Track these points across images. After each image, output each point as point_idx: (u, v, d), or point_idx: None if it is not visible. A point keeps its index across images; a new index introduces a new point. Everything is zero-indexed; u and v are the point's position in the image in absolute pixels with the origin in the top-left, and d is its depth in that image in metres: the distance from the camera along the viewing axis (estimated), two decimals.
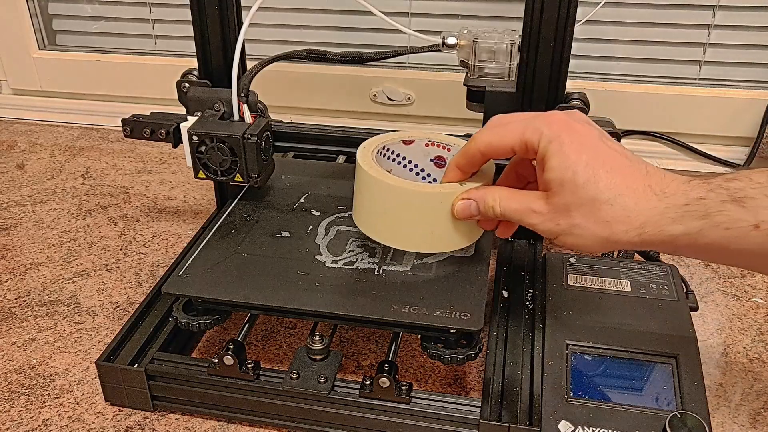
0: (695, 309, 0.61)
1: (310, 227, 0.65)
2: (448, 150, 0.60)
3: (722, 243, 0.43)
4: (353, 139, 0.68)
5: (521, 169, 0.53)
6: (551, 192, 0.45)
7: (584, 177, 0.44)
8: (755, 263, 0.44)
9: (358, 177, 0.57)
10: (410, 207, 0.54)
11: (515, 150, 0.47)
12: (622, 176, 0.44)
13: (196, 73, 0.73)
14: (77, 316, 0.72)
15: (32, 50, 1.19)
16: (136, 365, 0.58)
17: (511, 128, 0.47)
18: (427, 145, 0.60)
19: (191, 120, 0.68)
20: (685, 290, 0.62)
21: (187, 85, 0.72)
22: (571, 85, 0.67)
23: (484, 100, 0.69)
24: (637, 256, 0.72)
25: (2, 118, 1.21)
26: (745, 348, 0.67)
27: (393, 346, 0.57)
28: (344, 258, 0.60)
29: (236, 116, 0.68)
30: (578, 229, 0.45)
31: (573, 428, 0.50)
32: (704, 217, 0.42)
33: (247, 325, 0.60)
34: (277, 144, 0.70)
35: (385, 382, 0.53)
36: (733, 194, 0.42)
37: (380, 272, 0.58)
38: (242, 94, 0.67)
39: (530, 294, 0.65)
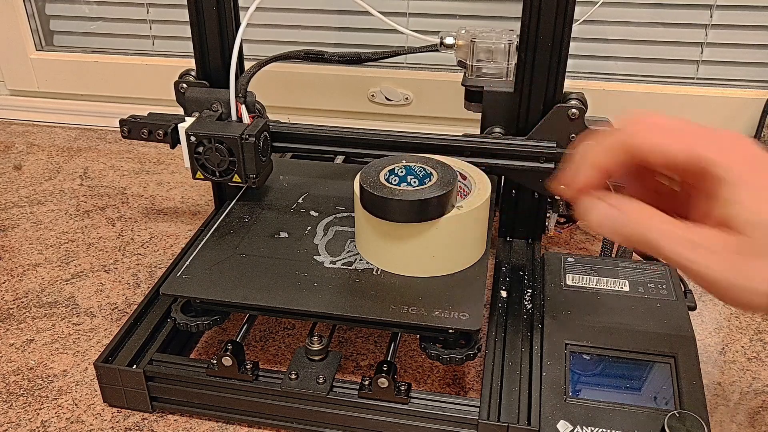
0: (693, 308, 0.61)
1: (309, 228, 0.65)
2: (464, 178, 0.60)
3: None
4: (351, 140, 0.68)
5: (641, 183, 0.41)
6: (737, 233, 0.34)
7: None
8: None
9: (357, 206, 0.58)
10: (411, 235, 0.55)
11: (678, 164, 0.36)
12: None
13: (193, 73, 0.73)
14: (75, 317, 0.72)
15: (29, 51, 1.19)
16: (134, 366, 0.58)
17: (681, 137, 0.36)
18: None
19: (189, 121, 0.68)
20: (683, 289, 0.62)
21: (184, 85, 0.72)
22: (569, 84, 0.67)
23: (482, 100, 0.69)
24: (635, 256, 0.72)
25: None
26: (743, 347, 0.67)
27: (392, 347, 0.57)
28: (343, 258, 0.60)
29: (234, 117, 0.68)
30: (748, 276, 0.33)
31: (572, 428, 0.50)
32: None
33: (245, 326, 0.60)
34: (275, 144, 0.70)
35: (384, 382, 0.53)
36: None
37: (379, 272, 0.58)
38: (240, 95, 0.67)
39: (529, 294, 0.65)
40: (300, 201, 0.69)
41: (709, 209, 0.35)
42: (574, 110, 0.65)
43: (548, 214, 0.74)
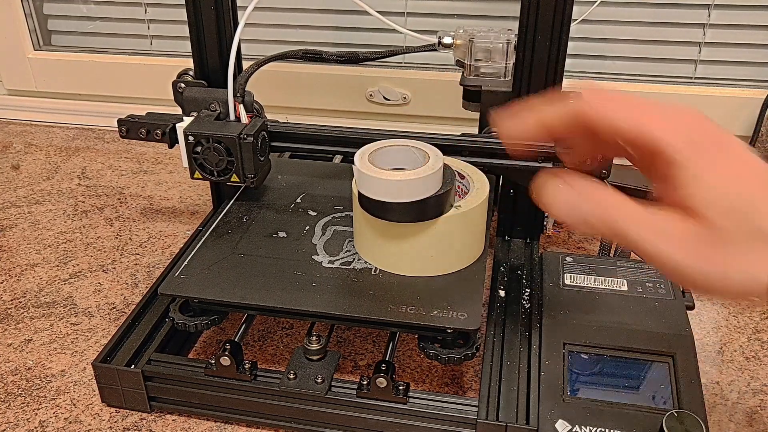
0: (692, 307, 0.61)
1: (307, 227, 0.65)
2: (463, 178, 0.60)
3: None
4: (350, 139, 0.68)
5: (585, 146, 0.39)
6: (701, 217, 0.32)
7: (754, 203, 0.31)
8: None
9: (356, 206, 0.58)
10: (409, 235, 0.55)
11: (626, 137, 0.34)
12: None
13: (191, 73, 0.73)
14: (73, 317, 0.72)
15: (27, 51, 1.19)
16: (132, 366, 0.58)
17: (631, 110, 0.35)
18: None
19: (187, 120, 0.68)
20: (681, 289, 0.62)
21: (183, 85, 0.72)
22: (567, 84, 0.67)
23: (480, 100, 0.69)
24: (633, 255, 0.72)
25: None
26: (741, 346, 0.67)
27: (390, 346, 0.57)
28: (341, 258, 0.60)
29: (232, 116, 0.68)
30: (736, 267, 0.31)
31: (570, 427, 0.50)
32: None
33: (244, 326, 0.60)
34: (273, 144, 0.70)
35: (382, 382, 0.53)
36: None
37: (377, 272, 0.58)
38: (238, 94, 0.67)
39: (527, 293, 0.65)
40: (298, 201, 0.69)
41: (666, 191, 0.34)
42: None
43: (546, 214, 0.74)
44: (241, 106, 0.67)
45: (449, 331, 0.53)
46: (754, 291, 0.31)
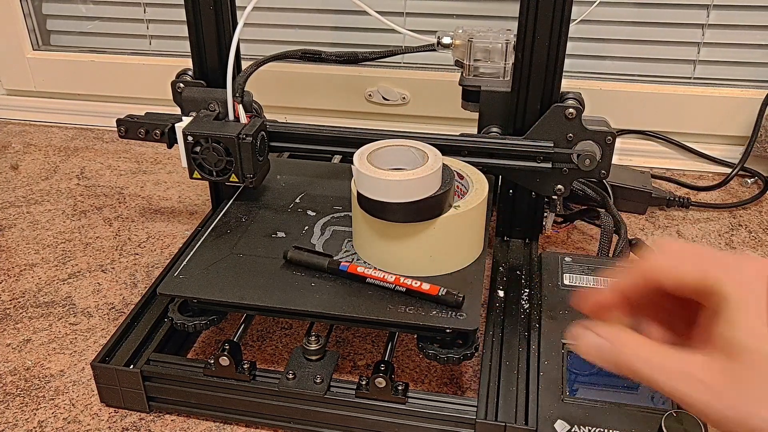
0: None
1: (306, 227, 0.65)
2: (461, 178, 0.60)
3: None
4: (349, 139, 0.68)
5: (657, 311, 0.39)
6: (726, 357, 0.32)
7: None
8: None
9: (355, 206, 0.58)
10: (408, 235, 0.55)
11: (688, 284, 0.35)
12: None
13: (190, 73, 0.73)
14: (72, 317, 0.71)
15: (26, 50, 1.19)
16: (131, 366, 0.58)
17: (696, 259, 0.35)
18: None
19: (186, 120, 0.68)
20: None
21: (181, 85, 0.72)
22: (566, 84, 0.67)
23: (479, 100, 0.69)
24: (632, 254, 0.72)
25: None
26: None
27: (389, 346, 0.57)
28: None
29: (231, 116, 0.68)
30: (747, 406, 0.31)
31: (569, 427, 0.50)
32: None
33: (243, 326, 0.60)
34: (272, 144, 0.70)
35: (381, 382, 0.53)
36: None
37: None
38: (237, 95, 0.67)
39: (526, 293, 0.65)
40: (297, 201, 0.69)
41: (711, 329, 0.33)
42: (571, 110, 0.65)
43: (545, 214, 0.74)
44: (240, 106, 0.67)
45: (448, 331, 0.53)
46: None
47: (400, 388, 0.54)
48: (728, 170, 0.96)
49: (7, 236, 0.86)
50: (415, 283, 0.55)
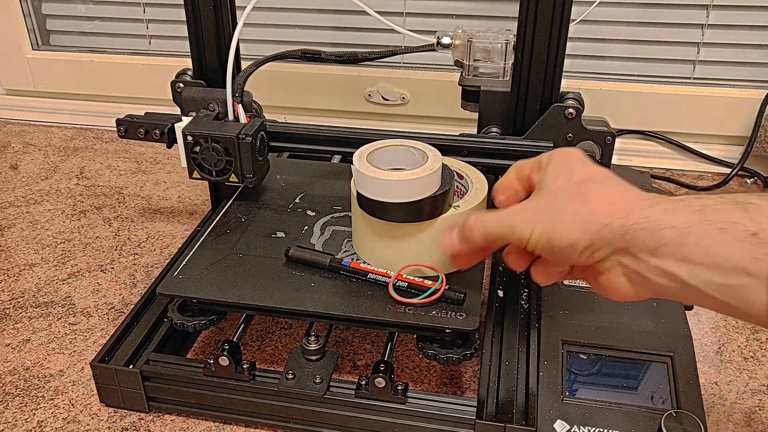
0: (690, 308, 0.61)
1: (306, 227, 0.65)
2: (461, 178, 0.60)
3: (709, 249, 0.37)
4: (348, 139, 0.68)
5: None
6: (540, 189, 0.46)
7: (579, 174, 0.44)
8: (731, 295, 0.37)
9: (354, 206, 0.58)
10: (408, 235, 0.55)
11: (533, 166, 0.48)
12: (616, 183, 0.44)
13: (190, 73, 0.73)
14: (72, 317, 0.71)
15: (26, 50, 1.19)
16: (131, 366, 0.58)
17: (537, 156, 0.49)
18: None
19: (186, 120, 0.68)
20: None
21: (181, 85, 0.72)
22: (565, 84, 0.67)
23: (478, 100, 0.69)
24: None
25: None
26: (739, 347, 0.67)
27: (389, 346, 0.57)
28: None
29: (231, 116, 0.68)
30: (556, 211, 0.43)
31: (569, 427, 0.50)
32: (699, 212, 0.38)
33: (242, 326, 0.60)
34: (272, 144, 0.70)
35: (381, 382, 0.53)
36: (735, 199, 0.38)
37: None
38: (237, 94, 0.67)
39: (525, 293, 0.65)
40: (297, 201, 0.69)
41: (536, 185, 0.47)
42: (571, 110, 0.65)
43: None
44: (240, 106, 0.67)
45: (448, 331, 0.53)
46: (582, 230, 0.41)
47: (399, 388, 0.54)
48: (728, 170, 0.96)
49: (6, 236, 0.86)
50: (417, 279, 0.55)
